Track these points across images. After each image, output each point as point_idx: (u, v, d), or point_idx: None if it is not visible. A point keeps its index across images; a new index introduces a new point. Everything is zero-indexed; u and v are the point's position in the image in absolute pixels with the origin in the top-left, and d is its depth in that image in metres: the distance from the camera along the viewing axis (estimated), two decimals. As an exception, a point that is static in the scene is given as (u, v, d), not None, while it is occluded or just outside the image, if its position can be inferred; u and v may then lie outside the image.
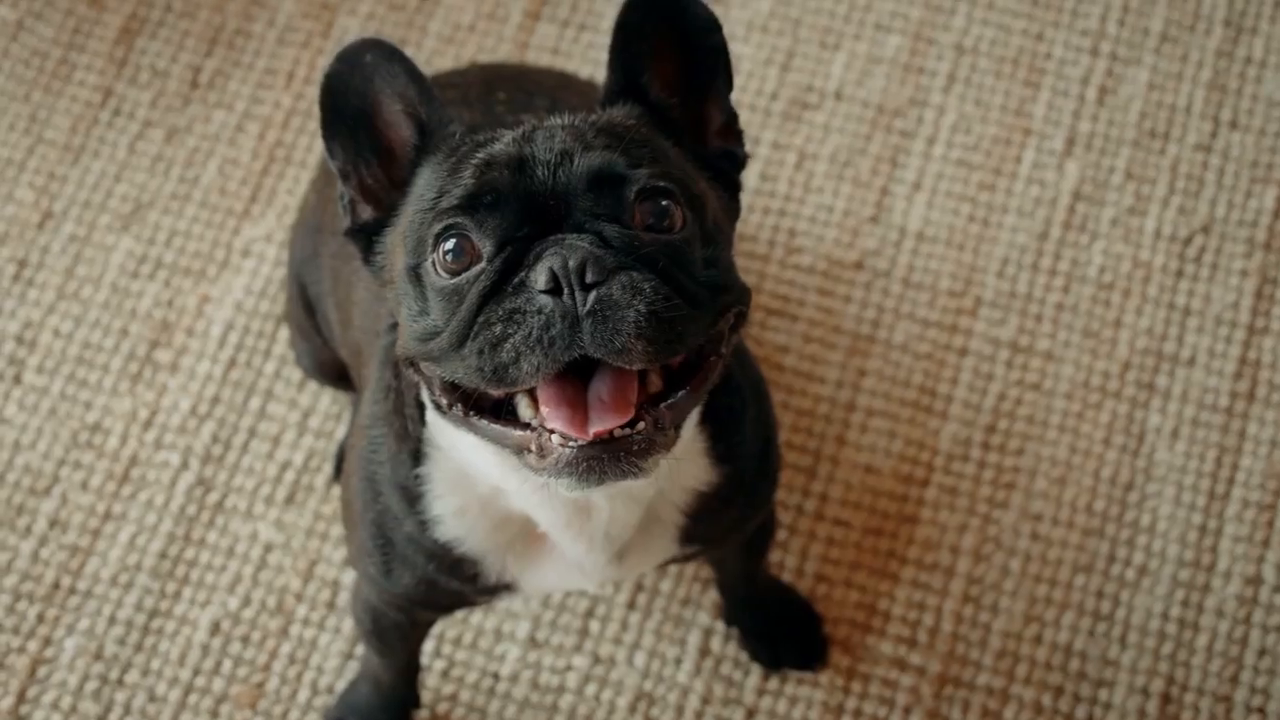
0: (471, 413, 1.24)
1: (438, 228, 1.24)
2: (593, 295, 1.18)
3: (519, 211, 1.23)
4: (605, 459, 1.20)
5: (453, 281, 1.23)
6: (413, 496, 1.41)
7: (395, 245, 1.30)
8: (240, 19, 2.19)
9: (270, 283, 2.06)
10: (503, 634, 1.90)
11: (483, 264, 1.22)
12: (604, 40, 2.18)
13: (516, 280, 1.20)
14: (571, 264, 1.18)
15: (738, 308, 1.28)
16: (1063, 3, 2.21)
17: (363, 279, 1.54)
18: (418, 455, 1.40)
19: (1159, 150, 2.13)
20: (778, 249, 2.08)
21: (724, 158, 1.36)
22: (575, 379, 1.21)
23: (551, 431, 1.20)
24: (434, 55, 2.17)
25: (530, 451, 1.22)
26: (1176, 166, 2.12)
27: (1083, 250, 2.08)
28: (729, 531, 1.53)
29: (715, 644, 1.89)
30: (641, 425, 1.20)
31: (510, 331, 1.18)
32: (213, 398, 2.01)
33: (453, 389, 1.24)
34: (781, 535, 1.93)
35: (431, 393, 1.27)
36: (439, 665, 1.89)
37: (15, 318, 2.04)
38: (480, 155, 1.26)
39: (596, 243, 1.21)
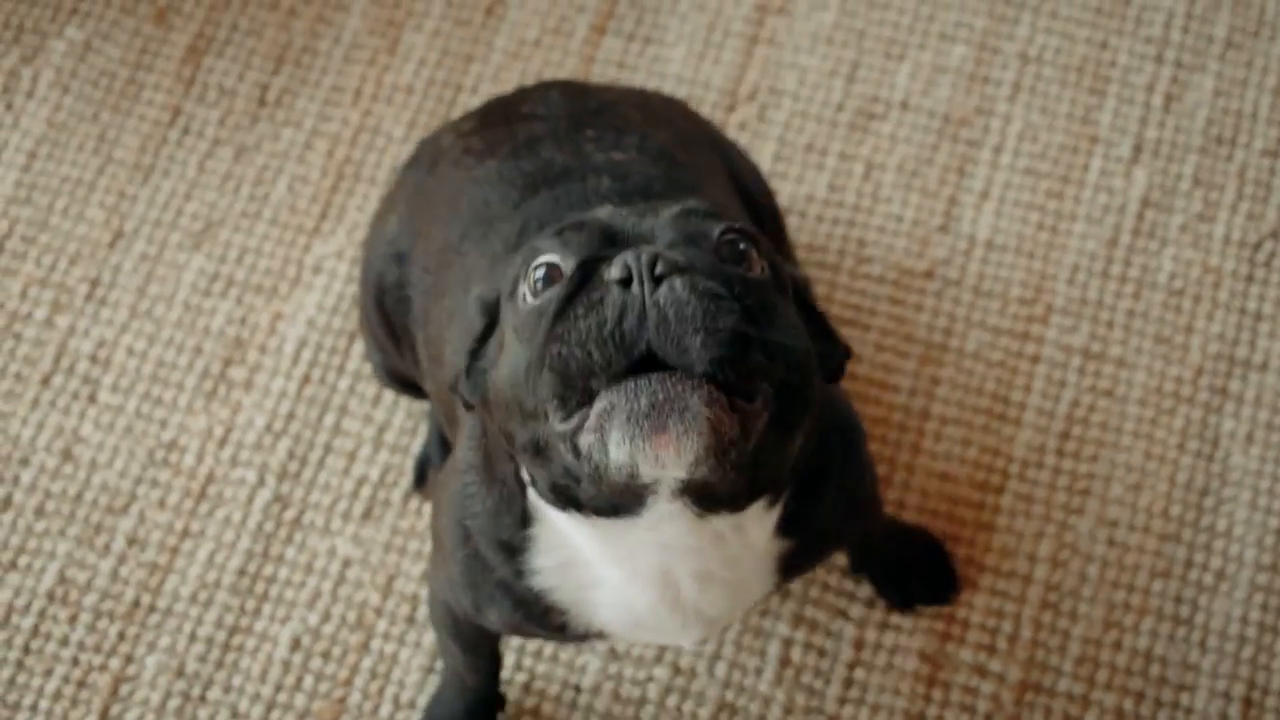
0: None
1: (527, 255, 1.26)
2: (663, 286, 1.17)
3: (604, 235, 1.25)
4: (661, 397, 1.15)
5: (538, 302, 1.23)
6: (514, 551, 1.41)
7: (495, 341, 1.32)
8: (307, 36, 2.21)
9: (342, 299, 2.06)
10: (583, 646, 1.90)
11: (564, 278, 1.23)
12: (669, 54, 2.19)
13: (595, 280, 1.20)
14: (644, 258, 1.18)
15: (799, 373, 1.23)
16: (1126, 10, 2.21)
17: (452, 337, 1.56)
18: (525, 519, 1.39)
19: (1226, 156, 2.13)
20: (848, 259, 2.08)
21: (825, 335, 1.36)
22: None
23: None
24: (500, 70, 2.18)
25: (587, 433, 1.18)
26: (1244, 172, 2.12)
27: (1152, 256, 2.08)
28: (820, 562, 1.53)
29: (796, 654, 1.89)
30: (708, 390, 1.16)
31: (584, 325, 1.17)
32: (288, 414, 2.01)
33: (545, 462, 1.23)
34: (860, 544, 1.94)
35: (536, 484, 1.28)
36: (520, 679, 1.89)
37: (89, 337, 2.05)
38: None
39: (676, 251, 1.22)
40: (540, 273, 1.24)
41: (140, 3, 2.22)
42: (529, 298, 1.24)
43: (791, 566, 1.45)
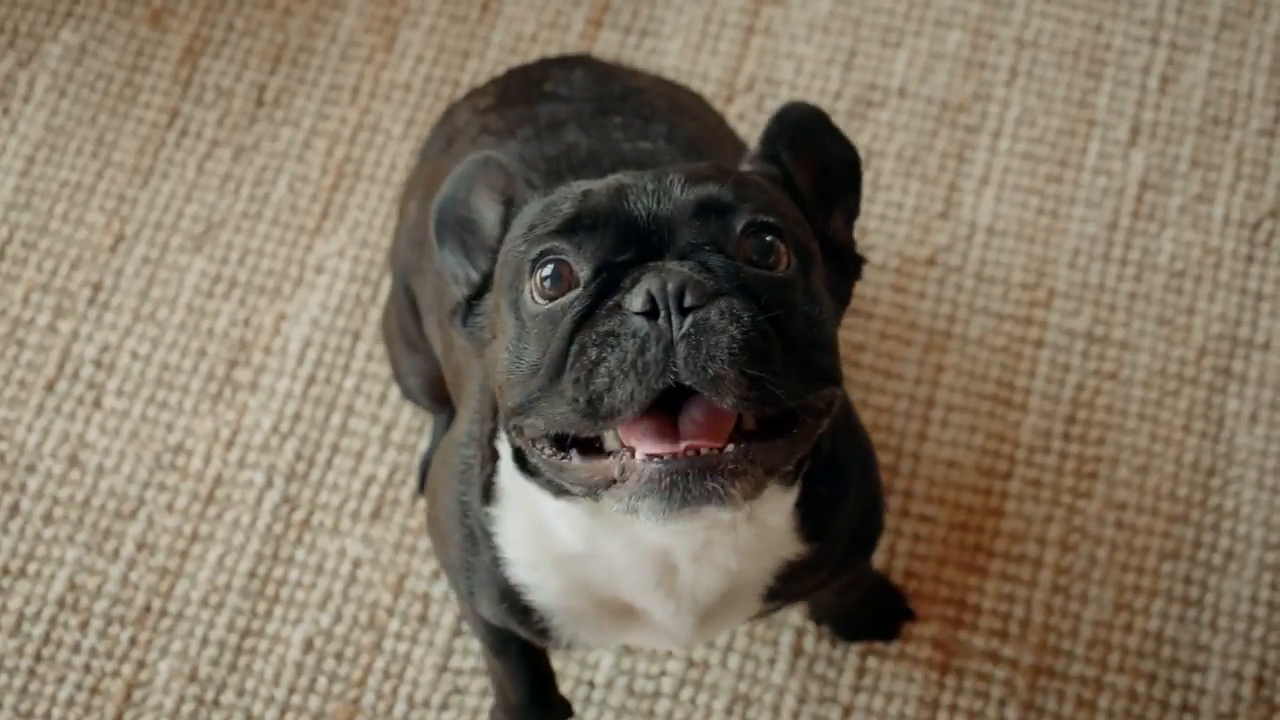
0: (561, 453, 1.21)
1: (535, 253, 1.22)
2: (689, 319, 1.14)
3: (619, 236, 1.20)
4: (692, 476, 1.14)
5: (548, 307, 1.20)
6: (485, 531, 1.40)
7: (493, 302, 1.29)
8: (303, 35, 2.20)
9: (346, 298, 2.06)
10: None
11: (579, 289, 1.19)
12: (666, 46, 2.18)
13: (611, 303, 1.17)
14: (670, 287, 1.14)
15: (831, 387, 1.23)
16: (1120, -7, 2.22)
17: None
18: (488, 493, 1.38)
19: (1223, 137, 2.14)
20: (850, 248, 2.08)
21: (842, 250, 1.34)
22: (667, 412, 1.17)
23: (633, 453, 1.16)
24: (497, 65, 2.17)
25: (615, 482, 1.17)
26: (1241, 152, 2.13)
27: (1152, 239, 2.09)
28: (817, 589, 1.51)
29: (808, 643, 1.90)
30: (732, 448, 1.16)
31: (605, 356, 1.15)
32: (294, 415, 2.01)
33: (557, 442, 1.20)
34: (871, 533, 1.94)
35: (531, 452, 1.24)
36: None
37: (93, 341, 2.05)
38: (580, 187, 1.25)
39: (698, 269, 1.18)
40: (549, 270, 1.20)
41: (135, 5, 2.21)
42: (537, 298, 1.21)
43: (791, 578, 1.42)
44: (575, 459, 1.19)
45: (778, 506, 1.33)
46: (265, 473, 1.99)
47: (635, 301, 1.15)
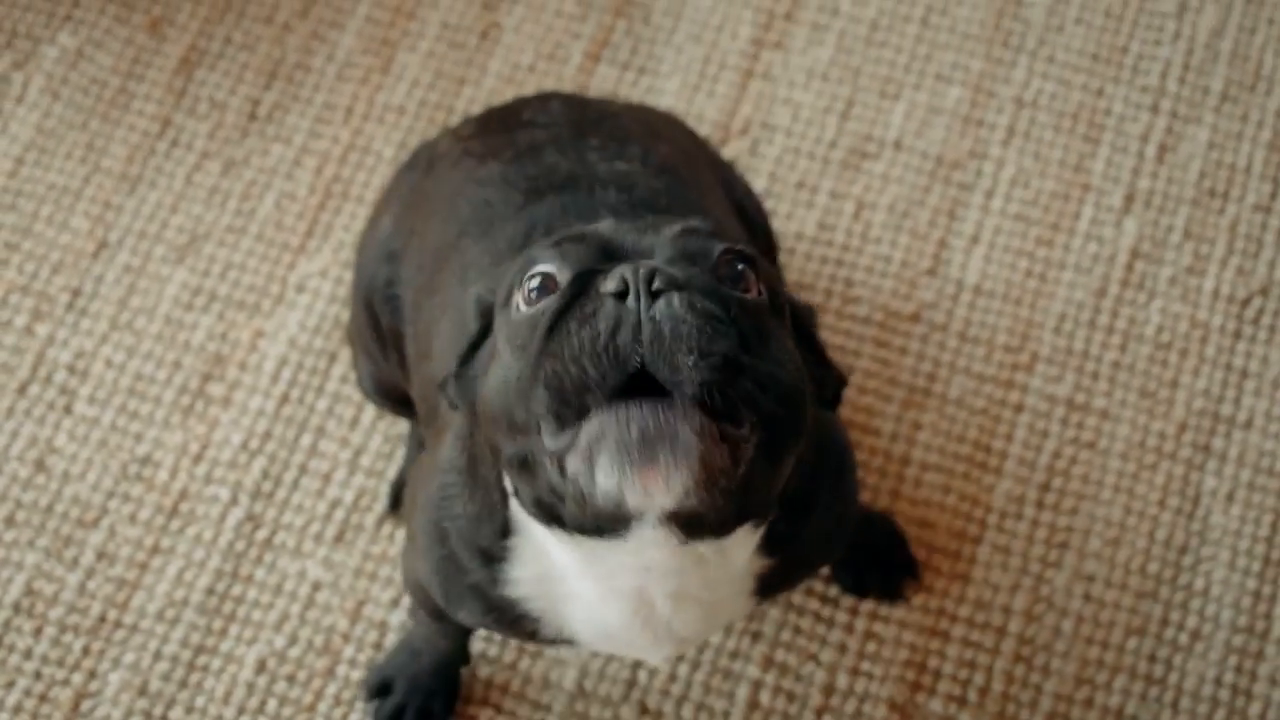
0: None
1: (523, 265, 1.25)
2: (659, 301, 1.15)
3: (601, 248, 1.24)
4: (652, 429, 1.12)
5: (530, 311, 1.22)
6: (493, 559, 1.40)
7: (489, 349, 1.31)
8: (300, 53, 2.19)
9: (325, 318, 2.05)
10: (550, 682, 1.88)
11: (560, 290, 1.21)
12: (663, 85, 2.17)
13: (590, 293, 1.18)
14: (643, 272, 1.16)
15: (795, 414, 1.22)
16: (1123, 59, 2.20)
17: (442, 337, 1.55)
18: (506, 529, 1.38)
19: (1218, 210, 2.12)
20: (834, 299, 2.07)
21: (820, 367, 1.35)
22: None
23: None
24: (492, 94, 2.16)
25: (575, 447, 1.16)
26: (1236, 227, 2.11)
27: (1140, 309, 2.07)
28: (797, 584, 1.52)
29: (764, 697, 1.88)
30: (699, 421, 1.13)
31: (578, 339, 1.15)
32: (264, 433, 2.00)
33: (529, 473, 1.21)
34: (833, 590, 1.92)
35: (521, 498, 1.27)
36: (486, 715, 1.87)
37: (68, 347, 2.04)
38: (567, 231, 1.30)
39: (674, 266, 1.20)
40: (535, 282, 1.22)
41: (135, 12, 2.21)
42: (522, 306, 1.22)
43: (769, 586, 1.43)
44: (546, 431, 1.17)
45: (743, 540, 1.32)
46: (231, 489, 1.97)
47: (609, 284, 1.16)
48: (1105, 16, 2.22)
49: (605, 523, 1.21)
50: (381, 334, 1.75)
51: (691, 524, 1.21)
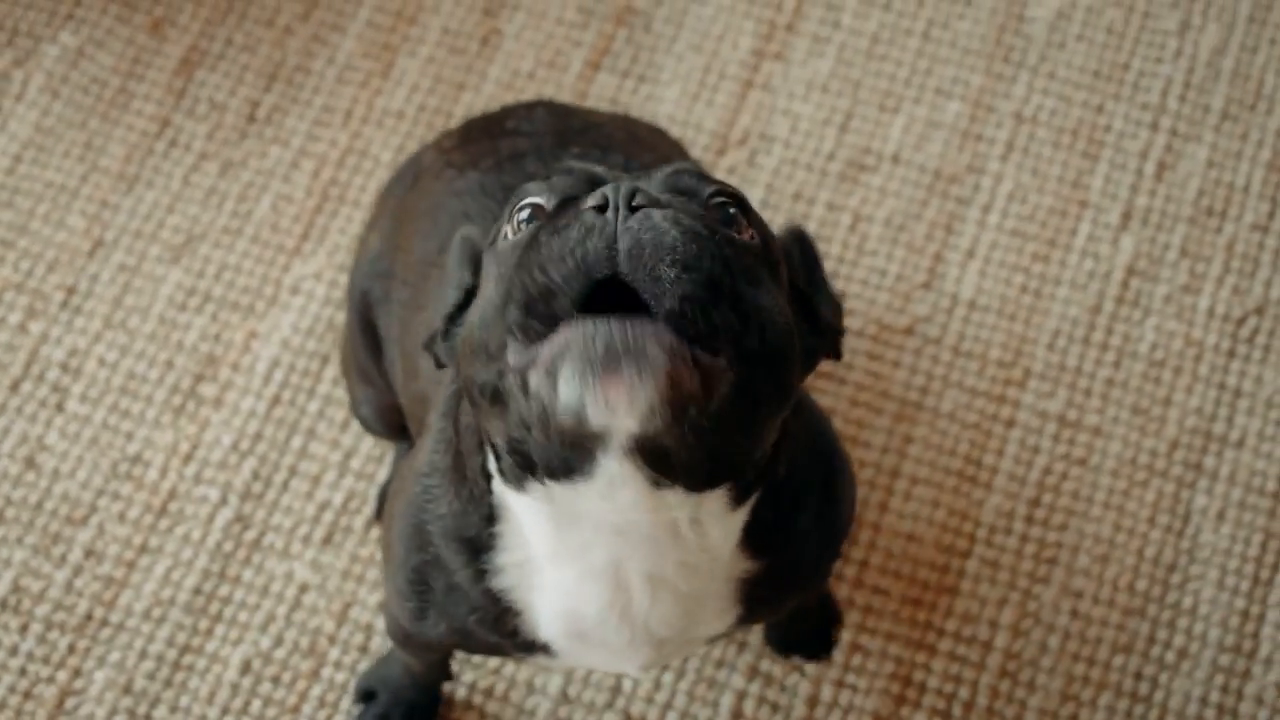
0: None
1: (514, 200, 1.23)
2: (638, 214, 1.12)
3: (589, 180, 1.22)
4: (619, 342, 1.07)
5: (515, 239, 1.20)
6: (479, 549, 1.38)
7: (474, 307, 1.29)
8: (301, 55, 2.20)
9: (318, 321, 2.05)
10: (534, 687, 1.88)
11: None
12: (662, 94, 2.17)
13: (571, 211, 1.15)
14: (624, 188, 1.13)
15: (784, 364, 1.18)
16: (1124, 75, 2.19)
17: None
18: (492, 515, 1.37)
19: (1215, 229, 2.11)
20: (828, 311, 2.06)
21: (821, 321, 1.32)
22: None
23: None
24: (491, 100, 2.17)
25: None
26: (1232, 245, 2.11)
27: (1135, 326, 2.06)
28: (780, 608, 1.50)
29: (749, 707, 1.88)
30: (670, 340, 1.09)
31: (549, 248, 1.11)
32: (255, 434, 2.00)
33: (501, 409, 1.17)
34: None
35: (493, 445, 1.24)
36: (470, 718, 1.87)
37: (61, 345, 2.04)
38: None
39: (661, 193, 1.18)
40: (525, 214, 1.20)
41: (136, 12, 2.22)
42: (510, 236, 1.20)
43: (754, 598, 1.40)
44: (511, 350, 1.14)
45: (722, 516, 1.28)
46: (221, 490, 1.98)
47: (589, 201, 1.14)
48: (1107, 33, 2.22)
49: (571, 453, 1.15)
50: (380, 348, 1.74)
51: (659, 459, 1.15)
